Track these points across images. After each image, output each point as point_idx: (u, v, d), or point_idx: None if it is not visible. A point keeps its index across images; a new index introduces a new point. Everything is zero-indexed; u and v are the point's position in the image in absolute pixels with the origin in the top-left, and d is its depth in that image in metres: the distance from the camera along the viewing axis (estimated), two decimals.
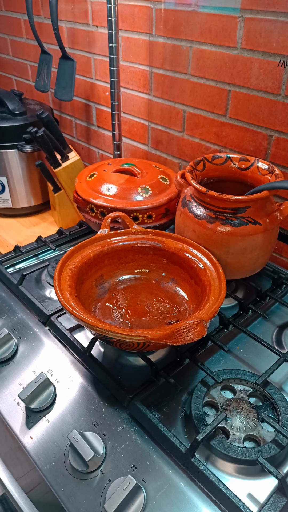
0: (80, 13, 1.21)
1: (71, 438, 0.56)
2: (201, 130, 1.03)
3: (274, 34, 0.81)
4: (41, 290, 0.88)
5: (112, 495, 0.51)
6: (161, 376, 0.67)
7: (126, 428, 0.61)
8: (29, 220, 1.29)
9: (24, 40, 1.51)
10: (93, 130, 1.38)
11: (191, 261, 0.76)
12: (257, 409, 0.62)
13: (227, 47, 0.89)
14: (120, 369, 0.71)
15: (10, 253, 0.98)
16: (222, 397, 0.64)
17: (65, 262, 0.72)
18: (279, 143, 0.89)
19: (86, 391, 0.67)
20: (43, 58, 1.31)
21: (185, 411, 0.64)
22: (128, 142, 1.27)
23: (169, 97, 1.07)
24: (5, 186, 1.22)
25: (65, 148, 1.16)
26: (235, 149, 0.98)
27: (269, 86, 0.86)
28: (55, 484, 0.56)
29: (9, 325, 0.80)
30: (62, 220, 1.20)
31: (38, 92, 1.45)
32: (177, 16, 0.96)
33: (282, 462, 0.57)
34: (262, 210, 0.76)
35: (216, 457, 0.57)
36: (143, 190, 0.93)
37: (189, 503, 0.53)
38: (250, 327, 0.79)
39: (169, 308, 0.77)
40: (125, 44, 1.12)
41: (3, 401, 0.67)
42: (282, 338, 0.78)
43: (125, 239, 0.80)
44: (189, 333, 0.57)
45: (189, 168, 0.80)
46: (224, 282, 0.69)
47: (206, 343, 0.74)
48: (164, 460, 0.57)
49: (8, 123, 1.16)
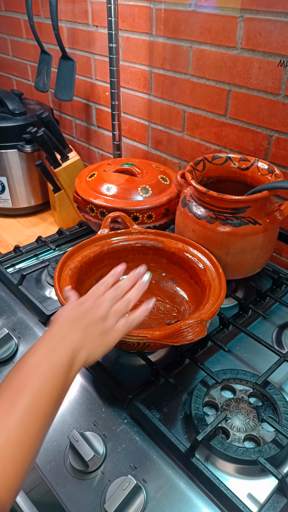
0: (80, 13, 1.21)
1: (71, 438, 0.56)
2: (201, 130, 1.03)
3: (274, 34, 0.81)
4: (41, 290, 0.88)
5: (112, 495, 0.51)
6: (161, 376, 0.67)
7: (126, 428, 0.61)
8: (29, 220, 1.29)
9: (24, 40, 1.51)
10: (93, 130, 1.38)
11: (191, 261, 0.76)
12: (257, 409, 0.62)
13: (227, 47, 0.89)
14: (120, 369, 0.71)
15: (10, 253, 0.98)
16: (222, 397, 0.64)
17: (65, 262, 0.72)
18: (279, 143, 0.89)
19: (86, 391, 0.67)
20: (43, 58, 1.31)
21: (185, 411, 0.64)
22: (128, 142, 1.27)
23: (169, 97, 1.07)
24: (5, 186, 1.22)
25: (65, 148, 1.16)
26: (235, 149, 0.98)
27: (269, 86, 0.86)
28: (55, 484, 0.56)
29: (9, 325, 0.80)
30: (62, 220, 1.20)
31: (38, 92, 1.45)
32: (177, 16, 0.96)
33: (282, 462, 0.57)
34: (262, 210, 0.76)
35: (216, 457, 0.57)
36: (143, 190, 0.93)
37: (189, 503, 0.53)
38: (250, 327, 0.79)
39: (169, 308, 0.77)
40: (125, 44, 1.12)
41: None
42: (282, 338, 0.78)
43: (125, 239, 0.80)
44: (189, 333, 0.57)
45: (189, 168, 0.80)
46: (224, 282, 0.69)
47: (206, 343, 0.74)
48: (164, 460, 0.57)
49: (8, 123, 1.16)
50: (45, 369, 0.44)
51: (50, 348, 0.46)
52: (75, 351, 0.47)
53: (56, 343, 0.47)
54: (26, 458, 0.39)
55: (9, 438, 0.39)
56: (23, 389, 0.42)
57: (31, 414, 0.41)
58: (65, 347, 0.46)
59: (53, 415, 0.44)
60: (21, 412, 0.40)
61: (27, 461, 0.39)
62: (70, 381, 0.46)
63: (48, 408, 0.42)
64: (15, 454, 0.38)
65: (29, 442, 0.40)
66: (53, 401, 0.43)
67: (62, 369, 0.45)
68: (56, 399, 0.44)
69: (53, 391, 0.43)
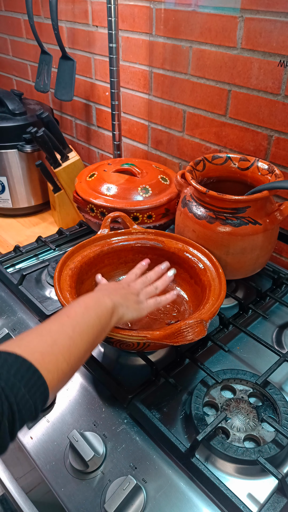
0: (80, 13, 1.21)
1: (71, 438, 0.57)
2: (201, 130, 1.03)
3: (274, 34, 0.81)
4: (41, 290, 0.88)
5: (112, 495, 0.51)
6: (161, 376, 0.67)
7: (126, 428, 0.61)
8: (29, 220, 1.29)
9: (24, 40, 1.51)
10: (93, 130, 1.38)
11: (191, 261, 0.76)
12: (257, 409, 0.62)
13: (227, 47, 0.89)
14: (120, 369, 0.71)
15: (10, 253, 0.98)
16: (222, 397, 0.64)
17: (65, 262, 0.72)
18: (279, 143, 0.89)
19: (86, 391, 0.67)
20: (43, 58, 1.31)
21: (185, 411, 0.64)
22: (128, 142, 1.27)
23: (169, 97, 1.07)
24: (5, 186, 1.22)
25: (65, 148, 1.16)
26: (235, 149, 0.98)
27: (269, 86, 0.86)
28: (55, 484, 0.56)
29: (9, 325, 0.80)
30: (62, 220, 1.20)
31: (38, 92, 1.45)
32: (177, 16, 0.96)
33: (282, 462, 0.57)
34: (262, 210, 0.76)
35: (216, 457, 0.57)
36: (143, 190, 0.93)
37: (189, 503, 0.53)
38: (250, 327, 0.79)
39: (169, 308, 0.77)
40: (125, 44, 1.12)
41: None
42: (282, 338, 0.78)
43: (125, 239, 0.80)
44: (189, 333, 0.57)
45: (189, 168, 0.80)
46: (224, 282, 0.69)
47: (206, 343, 0.74)
48: (164, 460, 0.57)
49: (8, 123, 1.16)
50: (94, 308, 0.53)
51: (96, 299, 0.56)
52: (116, 305, 0.56)
53: (102, 297, 0.57)
54: (70, 365, 0.46)
55: (59, 342, 0.46)
56: (74, 316, 0.51)
57: (77, 332, 0.49)
58: (109, 300, 0.56)
59: (92, 344, 0.51)
60: (72, 328, 0.49)
61: (71, 367, 0.46)
62: (109, 327, 0.55)
63: (90, 335, 0.50)
64: (64, 355, 0.45)
65: (74, 352, 0.47)
66: (95, 332, 0.51)
67: (105, 311, 0.54)
68: (97, 333, 0.51)
69: (97, 324, 0.52)
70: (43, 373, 0.41)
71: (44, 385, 0.41)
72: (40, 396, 0.41)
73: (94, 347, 0.53)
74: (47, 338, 0.46)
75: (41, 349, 0.44)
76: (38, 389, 0.41)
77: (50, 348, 0.45)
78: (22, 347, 0.43)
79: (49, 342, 0.45)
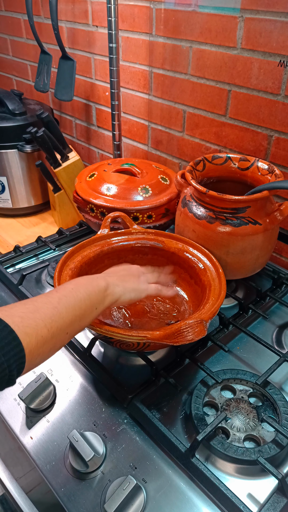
0: (80, 13, 1.21)
1: (71, 438, 0.56)
2: (201, 130, 1.03)
3: (274, 34, 0.81)
4: (41, 290, 0.88)
5: (112, 495, 0.51)
6: (161, 376, 0.67)
7: (126, 428, 0.61)
8: (29, 220, 1.29)
9: (24, 40, 1.51)
10: (93, 130, 1.38)
11: (191, 261, 0.76)
12: (257, 409, 0.62)
13: (227, 47, 0.89)
14: (120, 369, 0.71)
15: (10, 253, 0.98)
16: (222, 397, 0.64)
17: (65, 262, 0.72)
18: (279, 143, 0.89)
19: (86, 391, 0.67)
20: (43, 58, 1.31)
21: (185, 411, 0.64)
22: (128, 142, 1.27)
23: (169, 97, 1.07)
24: (5, 186, 1.22)
25: (65, 148, 1.16)
26: (235, 149, 0.98)
27: (269, 86, 0.86)
28: (55, 484, 0.56)
29: None
30: (62, 220, 1.20)
31: (38, 92, 1.45)
32: (177, 16, 0.96)
33: (282, 462, 0.57)
34: (262, 210, 0.76)
35: (216, 457, 0.57)
36: (143, 190, 0.93)
37: (189, 503, 0.53)
38: (250, 327, 0.79)
39: (169, 308, 0.77)
40: (125, 44, 1.12)
41: (3, 401, 0.67)
42: (282, 338, 0.78)
43: (125, 239, 0.80)
44: (189, 333, 0.57)
45: (189, 168, 0.80)
46: (224, 282, 0.69)
47: (206, 343, 0.74)
48: (164, 460, 0.58)
49: (8, 123, 1.16)
50: (85, 285, 0.54)
51: (90, 279, 0.57)
52: (111, 284, 0.57)
53: (96, 278, 0.58)
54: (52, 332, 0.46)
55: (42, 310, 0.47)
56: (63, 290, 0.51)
57: (63, 304, 0.49)
58: (102, 281, 0.57)
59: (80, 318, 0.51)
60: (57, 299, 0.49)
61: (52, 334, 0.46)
62: (103, 306, 0.55)
63: (77, 308, 0.50)
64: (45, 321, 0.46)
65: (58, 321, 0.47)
66: (83, 307, 0.51)
67: (97, 290, 0.54)
68: (85, 309, 0.52)
69: (85, 299, 0.52)
70: (19, 335, 0.42)
71: (19, 346, 0.42)
72: (14, 356, 0.41)
73: (84, 323, 0.53)
74: (30, 305, 0.47)
75: (21, 314, 0.44)
76: (12, 349, 0.41)
77: (31, 314, 0.45)
78: (2, 311, 0.44)
79: (31, 309, 0.46)
